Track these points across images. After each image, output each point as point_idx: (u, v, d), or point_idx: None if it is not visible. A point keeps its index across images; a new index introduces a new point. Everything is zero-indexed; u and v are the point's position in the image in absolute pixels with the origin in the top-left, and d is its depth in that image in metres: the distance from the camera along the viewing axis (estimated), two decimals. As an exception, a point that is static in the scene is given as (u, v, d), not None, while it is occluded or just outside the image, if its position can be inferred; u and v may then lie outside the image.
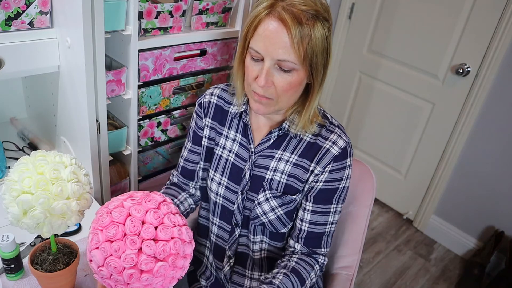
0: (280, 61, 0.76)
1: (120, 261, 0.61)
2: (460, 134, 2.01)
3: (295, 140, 0.91)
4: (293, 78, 0.79)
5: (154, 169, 1.34)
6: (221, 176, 0.98)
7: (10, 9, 0.93)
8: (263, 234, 0.98)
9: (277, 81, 0.79)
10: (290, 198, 0.91)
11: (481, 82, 1.87)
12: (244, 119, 0.95)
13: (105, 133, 1.10)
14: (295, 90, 0.82)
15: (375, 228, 2.31)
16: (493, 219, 2.02)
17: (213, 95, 0.99)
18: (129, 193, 0.70)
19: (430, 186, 2.22)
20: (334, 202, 0.91)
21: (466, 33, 1.88)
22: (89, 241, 0.65)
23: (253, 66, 0.81)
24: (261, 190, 0.93)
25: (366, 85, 2.38)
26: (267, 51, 0.76)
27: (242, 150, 0.95)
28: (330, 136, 0.89)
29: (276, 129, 0.91)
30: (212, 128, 0.99)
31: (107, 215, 0.64)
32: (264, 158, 0.93)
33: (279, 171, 0.91)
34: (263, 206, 0.93)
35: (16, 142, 1.30)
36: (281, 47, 0.75)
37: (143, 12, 1.02)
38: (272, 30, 0.75)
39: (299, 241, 0.94)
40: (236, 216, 0.97)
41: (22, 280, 0.84)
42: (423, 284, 1.99)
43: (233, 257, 1.02)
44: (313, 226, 0.92)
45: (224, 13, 1.22)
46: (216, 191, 0.99)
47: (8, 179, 0.69)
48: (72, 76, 1.04)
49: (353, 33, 2.37)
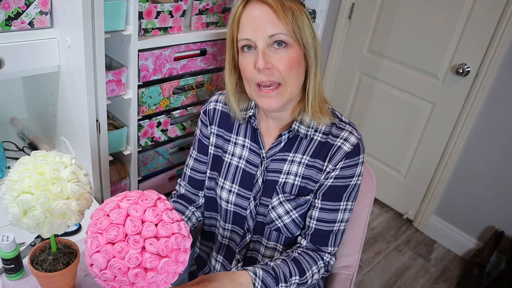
0: (272, 36, 0.77)
1: (125, 262, 0.61)
2: (460, 134, 2.01)
3: (306, 141, 0.89)
4: (290, 54, 0.79)
5: (154, 169, 1.34)
6: (232, 183, 0.96)
7: (10, 9, 0.93)
8: (278, 242, 0.96)
9: (276, 61, 0.79)
10: (304, 199, 0.90)
11: (481, 82, 1.87)
12: (253, 123, 0.93)
13: (105, 133, 1.10)
14: (297, 67, 0.81)
15: (375, 228, 2.31)
16: (493, 219, 2.02)
17: (218, 102, 0.98)
18: (122, 194, 0.69)
19: (430, 186, 2.22)
20: (344, 200, 0.89)
21: (466, 33, 1.88)
22: (89, 246, 0.64)
23: (247, 59, 0.81)
24: (274, 194, 0.91)
25: (366, 85, 2.38)
26: (256, 33, 0.78)
27: (252, 156, 0.94)
28: (341, 134, 0.87)
29: (286, 131, 0.89)
30: (219, 135, 0.98)
31: (105, 218, 0.64)
32: (276, 162, 0.91)
33: (292, 174, 0.90)
34: (277, 210, 0.91)
35: (16, 142, 1.30)
36: (269, 23, 0.77)
37: (143, 12, 1.02)
38: (255, 12, 0.77)
39: (305, 237, 0.93)
40: (248, 221, 0.96)
41: (22, 280, 0.84)
42: (423, 284, 1.99)
43: (241, 261, 1.01)
44: (321, 223, 0.90)
45: (224, 13, 1.22)
46: (227, 199, 0.97)
47: (8, 179, 0.69)
48: (72, 76, 1.04)
49: (353, 33, 2.37)
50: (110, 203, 0.67)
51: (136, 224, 0.63)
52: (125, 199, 0.66)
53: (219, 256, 1.07)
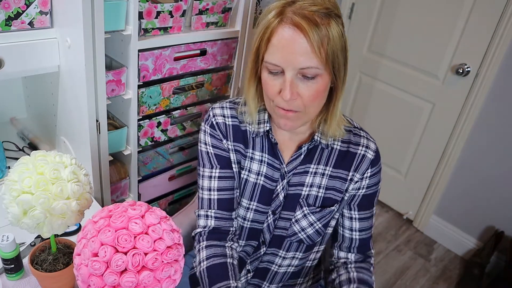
0: (303, 69, 0.71)
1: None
2: (460, 134, 2.01)
3: (327, 151, 0.87)
4: (318, 84, 0.74)
5: (154, 169, 1.34)
6: (249, 201, 0.90)
7: (10, 9, 0.93)
8: (297, 251, 0.95)
9: (302, 91, 0.74)
10: (328, 210, 0.89)
11: (481, 82, 1.87)
12: (272, 138, 0.87)
13: (105, 133, 1.10)
14: (322, 97, 0.77)
15: (375, 228, 2.31)
16: (493, 219, 2.02)
17: (226, 116, 0.89)
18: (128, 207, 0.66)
19: (430, 186, 2.22)
20: (374, 205, 0.92)
21: (466, 33, 1.87)
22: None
23: (273, 81, 0.75)
24: (298, 207, 0.89)
25: (366, 85, 2.38)
26: (287, 62, 0.71)
27: (271, 171, 0.88)
28: (361, 141, 0.87)
29: (307, 144, 0.85)
30: (237, 151, 0.89)
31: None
32: (298, 175, 0.88)
33: (315, 186, 0.88)
34: (301, 223, 0.90)
35: (16, 142, 1.30)
36: (302, 54, 0.70)
37: (143, 12, 1.02)
38: (288, 38, 0.70)
39: (351, 251, 0.94)
40: (265, 235, 0.93)
41: (22, 280, 0.84)
42: (423, 284, 1.99)
43: (252, 272, 0.99)
44: (363, 233, 0.92)
45: (224, 13, 1.22)
46: (244, 216, 0.92)
47: (8, 179, 0.69)
48: (72, 76, 1.04)
49: (353, 33, 2.36)
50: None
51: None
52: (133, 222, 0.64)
53: None
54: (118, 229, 0.62)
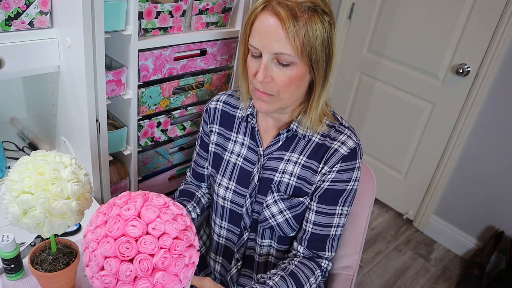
0: (277, 55, 0.76)
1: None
2: (460, 134, 2.01)
3: (304, 141, 0.90)
4: (292, 72, 0.78)
5: (154, 169, 1.34)
6: (229, 180, 0.97)
7: (10, 9, 0.93)
8: (271, 239, 0.97)
9: (276, 76, 0.79)
10: (298, 200, 0.90)
11: (481, 82, 1.87)
12: (251, 122, 0.94)
13: (105, 133, 1.10)
14: (296, 85, 0.81)
15: (375, 228, 2.31)
16: (493, 219, 2.02)
17: (219, 101, 1.00)
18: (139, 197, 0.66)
19: (430, 186, 2.22)
20: (340, 204, 0.89)
21: (466, 33, 1.88)
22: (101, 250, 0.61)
23: (253, 63, 0.81)
24: (269, 192, 0.92)
25: (366, 85, 2.38)
26: (263, 45, 0.77)
27: (250, 154, 0.95)
28: (339, 137, 0.87)
29: (284, 130, 0.90)
30: (220, 134, 0.99)
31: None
32: (273, 160, 0.92)
33: (287, 173, 0.90)
34: (271, 208, 0.91)
35: (16, 142, 1.30)
36: (277, 40, 0.75)
37: (143, 12, 1.02)
38: (267, 24, 0.75)
39: (302, 243, 0.92)
40: (245, 219, 0.97)
41: (22, 280, 0.84)
42: (423, 284, 1.99)
43: (241, 260, 1.02)
44: (317, 227, 0.90)
45: (224, 13, 1.22)
46: (223, 195, 0.98)
47: (8, 179, 0.69)
48: (72, 76, 1.04)
49: (353, 33, 2.37)
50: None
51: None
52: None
53: (218, 257, 1.07)
54: (117, 237, 0.59)
